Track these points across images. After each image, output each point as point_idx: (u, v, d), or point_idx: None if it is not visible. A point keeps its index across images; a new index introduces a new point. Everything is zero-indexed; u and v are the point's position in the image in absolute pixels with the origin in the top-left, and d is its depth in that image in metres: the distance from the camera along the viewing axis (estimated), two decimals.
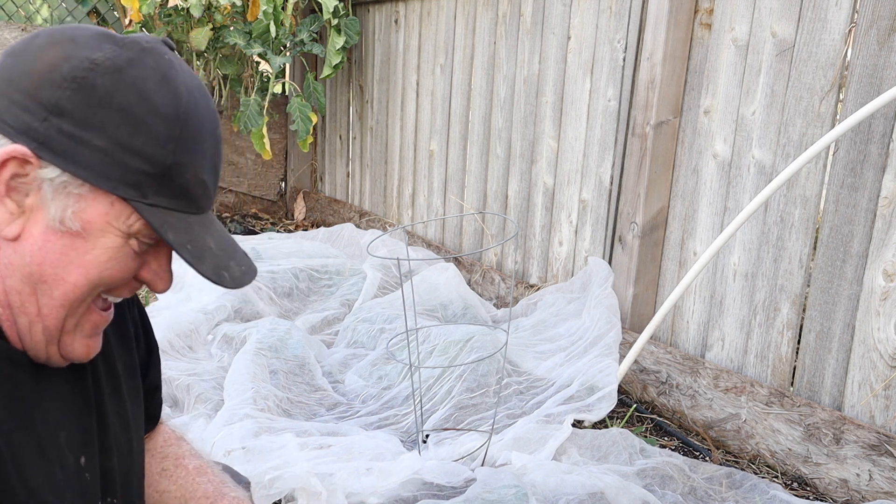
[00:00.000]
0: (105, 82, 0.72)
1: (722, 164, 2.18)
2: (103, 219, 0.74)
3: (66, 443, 0.83)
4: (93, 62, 0.72)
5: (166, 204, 0.76)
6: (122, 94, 0.72)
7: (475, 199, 3.27)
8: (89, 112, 0.71)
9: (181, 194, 0.76)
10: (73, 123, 0.71)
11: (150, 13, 3.70)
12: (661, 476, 1.85)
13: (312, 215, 4.70)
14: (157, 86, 0.74)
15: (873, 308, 1.79)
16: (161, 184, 0.75)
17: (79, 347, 0.82)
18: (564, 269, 2.78)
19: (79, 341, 0.81)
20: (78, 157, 0.72)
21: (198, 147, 0.77)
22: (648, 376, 2.34)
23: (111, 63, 0.73)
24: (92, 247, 0.75)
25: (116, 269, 0.78)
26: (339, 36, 3.92)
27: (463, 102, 3.31)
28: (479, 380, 2.21)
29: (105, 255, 0.76)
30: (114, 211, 0.74)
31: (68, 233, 0.74)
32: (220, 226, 0.83)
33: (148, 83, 0.74)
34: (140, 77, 0.73)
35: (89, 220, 0.74)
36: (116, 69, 0.73)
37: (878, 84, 1.77)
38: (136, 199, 0.74)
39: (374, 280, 2.99)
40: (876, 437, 1.77)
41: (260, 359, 2.24)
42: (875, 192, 1.79)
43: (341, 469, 1.71)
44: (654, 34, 2.27)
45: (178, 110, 0.74)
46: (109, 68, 0.72)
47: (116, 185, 0.73)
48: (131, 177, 0.73)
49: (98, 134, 0.72)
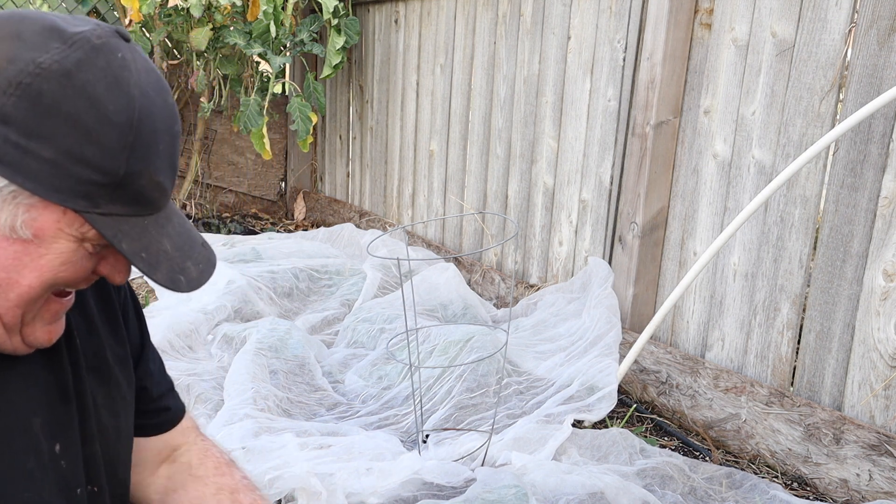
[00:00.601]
0: (52, 88, 0.68)
1: (722, 164, 2.18)
2: (55, 226, 0.72)
3: (40, 430, 0.82)
4: (38, 66, 0.68)
5: (120, 211, 0.73)
6: (70, 102, 0.68)
7: (475, 199, 3.27)
8: (36, 121, 0.67)
9: (136, 200, 0.74)
10: (20, 133, 0.67)
11: (150, 13, 3.70)
12: (661, 476, 1.85)
13: (312, 215, 4.70)
14: (107, 90, 0.70)
15: (873, 308, 1.79)
16: (114, 192, 0.72)
17: (40, 335, 0.81)
18: (564, 269, 2.78)
19: (40, 329, 0.80)
20: (25, 168, 0.68)
21: (153, 151, 0.73)
22: (648, 376, 2.34)
23: (58, 66, 0.68)
24: (45, 251, 0.73)
25: (71, 270, 0.76)
26: (339, 36, 3.92)
27: (463, 102, 3.31)
28: (479, 380, 2.21)
29: (59, 258, 0.74)
30: (66, 219, 0.72)
31: (20, 240, 0.72)
32: (178, 219, 0.80)
33: (98, 87, 0.69)
34: (89, 81, 0.69)
35: (41, 228, 0.72)
36: (64, 73, 0.68)
37: (878, 84, 1.77)
38: (87, 210, 0.71)
39: (374, 280, 2.99)
40: (876, 437, 1.77)
41: (260, 359, 2.24)
42: (875, 192, 1.79)
43: (341, 469, 1.71)
44: (654, 34, 2.27)
45: (130, 117, 0.71)
46: (56, 72, 0.68)
47: (66, 197, 0.70)
48: (82, 188, 0.70)
49: (46, 144, 0.68)
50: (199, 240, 0.82)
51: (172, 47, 4.26)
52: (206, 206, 4.66)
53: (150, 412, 1.06)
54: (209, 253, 0.82)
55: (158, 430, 1.07)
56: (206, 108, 4.00)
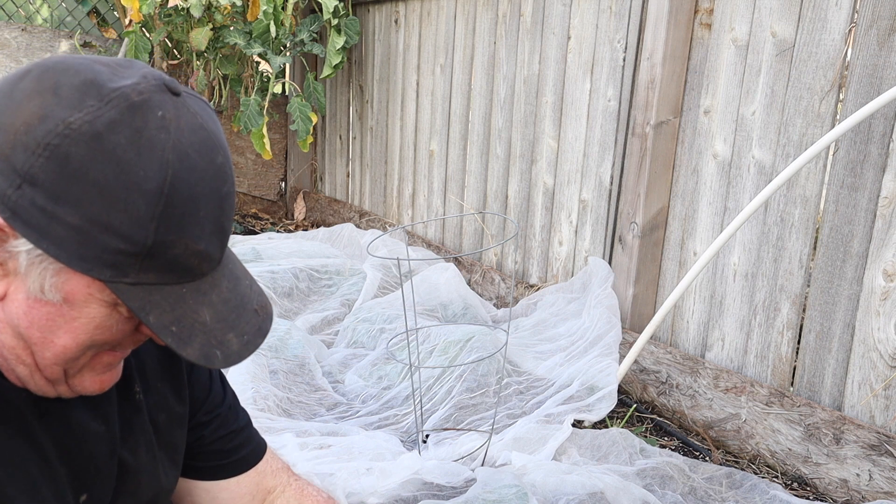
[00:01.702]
0: (80, 151, 0.64)
1: (722, 164, 2.18)
2: (85, 291, 0.69)
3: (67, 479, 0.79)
4: (68, 126, 0.64)
5: (153, 279, 0.69)
6: (98, 166, 0.64)
7: (475, 199, 3.27)
8: (62, 185, 0.64)
9: (171, 268, 0.69)
10: (46, 196, 0.64)
11: (150, 13, 3.70)
12: (661, 476, 1.85)
13: (312, 215, 4.70)
14: (138, 155, 0.65)
15: (873, 308, 1.79)
16: (144, 262, 0.67)
17: (89, 385, 0.77)
18: (564, 269, 2.78)
19: (89, 380, 0.77)
20: (51, 233, 0.65)
21: (190, 219, 0.68)
22: (648, 376, 2.34)
23: (89, 127, 0.64)
24: (78, 314, 0.70)
25: (108, 333, 0.73)
26: (339, 36, 3.92)
27: (463, 102, 3.31)
28: (479, 380, 2.21)
29: (92, 323, 0.71)
30: (96, 285, 0.69)
31: (51, 303, 0.69)
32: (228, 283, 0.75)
33: (129, 152, 0.65)
34: (120, 145, 0.65)
35: (70, 293, 0.69)
36: (94, 135, 0.64)
37: (878, 84, 1.77)
38: (114, 280, 0.67)
39: (374, 280, 2.99)
40: (876, 437, 1.77)
41: (260, 359, 2.24)
42: (875, 192, 1.79)
43: (341, 469, 1.71)
44: (654, 34, 2.27)
45: (161, 184, 0.66)
46: (86, 134, 0.64)
47: (92, 266, 0.66)
48: (109, 257, 0.66)
49: (72, 210, 0.64)
50: (253, 305, 0.76)
51: (172, 47, 4.26)
52: None
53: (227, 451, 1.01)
54: (262, 320, 0.76)
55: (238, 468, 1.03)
56: None
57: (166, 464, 0.92)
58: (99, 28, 4.50)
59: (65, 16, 4.44)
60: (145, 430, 0.88)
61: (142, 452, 0.87)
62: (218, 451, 1.01)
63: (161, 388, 0.92)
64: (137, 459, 0.87)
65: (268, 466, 1.06)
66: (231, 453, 1.02)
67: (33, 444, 0.76)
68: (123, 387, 0.86)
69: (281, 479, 1.06)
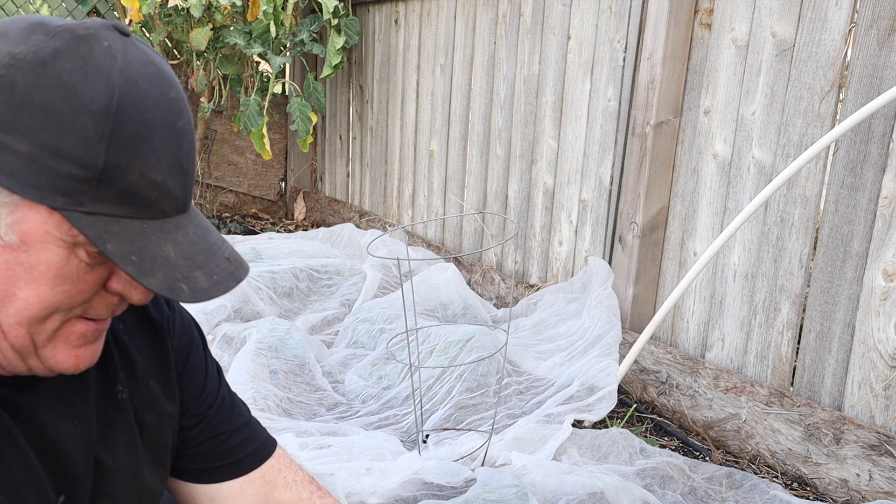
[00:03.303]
0: (25, 79, 0.64)
1: (722, 164, 2.18)
2: (42, 228, 0.66)
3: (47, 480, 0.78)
4: (13, 57, 0.64)
5: (110, 210, 0.67)
6: (44, 91, 0.64)
7: (475, 199, 3.27)
8: (10, 114, 0.64)
9: (128, 199, 0.67)
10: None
11: (150, 13, 3.70)
12: (661, 476, 1.85)
13: (312, 215, 4.70)
14: (84, 78, 0.65)
15: (873, 308, 1.79)
16: (98, 188, 0.66)
17: (63, 359, 0.74)
18: (564, 269, 2.78)
19: (62, 352, 0.74)
20: (3, 164, 0.64)
21: (142, 144, 0.67)
22: (648, 376, 2.34)
23: (34, 56, 0.64)
24: (36, 260, 0.67)
25: (69, 284, 0.69)
26: (339, 36, 3.92)
27: (463, 102, 3.31)
28: (479, 380, 2.21)
29: (51, 270, 0.68)
30: (52, 220, 0.66)
31: (9, 247, 0.67)
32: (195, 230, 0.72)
33: (75, 76, 0.65)
34: (66, 70, 0.65)
35: (27, 232, 0.66)
36: (39, 63, 0.64)
37: (878, 84, 1.77)
38: (69, 208, 0.65)
39: (374, 280, 2.99)
40: (876, 437, 1.77)
41: (260, 359, 2.24)
42: (875, 192, 1.79)
43: (341, 469, 1.71)
44: (654, 34, 2.27)
45: (108, 103, 0.65)
46: (31, 62, 0.64)
47: (45, 194, 0.65)
48: (62, 183, 0.65)
49: (21, 138, 0.64)
50: (224, 254, 0.74)
51: (172, 47, 4.26)
52: (206, 206, 4.66)
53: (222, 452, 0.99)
54: (235, 268, 0.74)
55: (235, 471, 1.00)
56: (206, 108, 4.00)
57: (151, 464, 0.89)
58: None
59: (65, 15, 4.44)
60: (128, 430, 0.86)
61: (122, 453, 0.85)
62: (210, 452, 0.98)
63: (153, 387, 0.89)
64: (116, 460, 0.84)
65: (280, 476, 1.01)
66: (226, 455, 0.99)
67: (11, 443, 0.74)
68: (105, 385, 0.84)
69: (300, 494, 1.02)
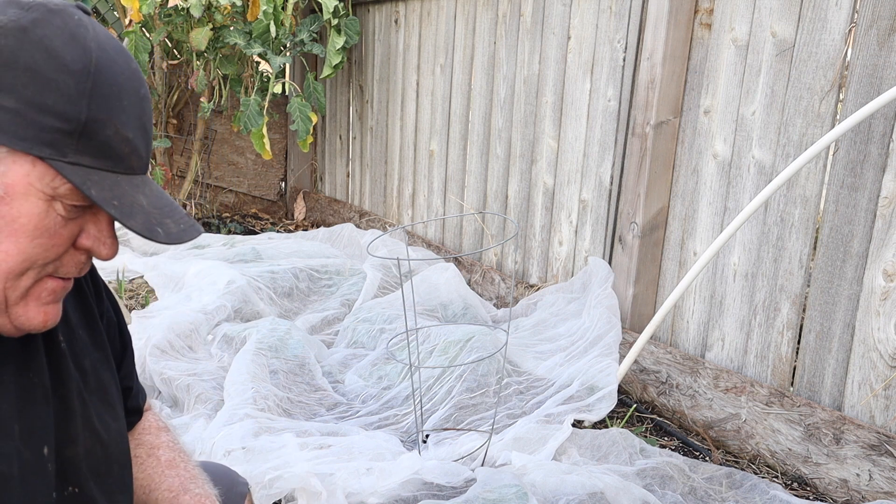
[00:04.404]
0: (9, 43, 0.71)
1: (722, 164, 2.18)
2: (25, 180, 0.73)
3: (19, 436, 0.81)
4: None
5: (89, 163, 0.74)
6: (27, 53, 0.71)
7: (475, 199, 3.27)
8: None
9: (104, 152, 0.75)
10: None
11: (150, 13, 3.70)
12: (661, 476, 1.85)
13: (312, 215, 4.70)
14: (64, 43, 0.73)
15: (873, 308, 1.79)
16: (80, 141, 0.73)
17: (34, 315, 0.79)
18: (564, 269, 2.78)
19: (33, 309, 0.79)
20: None
21: (116, 103, 0.75)
22: (648, 376, 2.34)
23: (15, 24, 0.72)
24: (17, 213, 0.73)
25: (46, 237, 0.75)
26: (339, 36, 3.92)
27: (463, 102, 3.31)
28: (479, 380, 2.21)
29: (31, 221, 0.74)
30: (35, 172, 0.73)
31: None
32: (156, 188, 0.81)
33: (55, 41, 0.72)
34: (46, 35, 0.72)
35: (11, 184, 0.72)
36: (21, 29, 0.72)
37: (878, 84, 1.77)
38: (54, 158, 0.72)
39: (374, 280, 2.99)
40: (876, 437, 1.77)
41: (260, 359, 2.24)
42: (875, 192, 1.79)
43: (341, 469, 1.71)
44: (654, 34, 2.27)
45: (87, 65, 0.73)
46: (13, 29, 0.71)
47: (32, 145, 0.71)
48: (46, 135, 0.72)
49: (7, 95, 0.71)
50: (181, 210, 0.82)
51: (172, 47, 4.26)
52: (206, 206, 4.66)
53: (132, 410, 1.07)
54: (194, 223, 0.82)
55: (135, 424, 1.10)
56: (206, 108, 4.00)
57: (99, 407, 0.93)
58: None
59: None
60: (72, 377, 0.90)
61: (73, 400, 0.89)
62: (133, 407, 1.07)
63: (81, 335, 0.95)
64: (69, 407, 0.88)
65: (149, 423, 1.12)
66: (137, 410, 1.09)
67: None
68: (47, 336, 0.88)
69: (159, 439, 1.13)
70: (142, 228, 0.75)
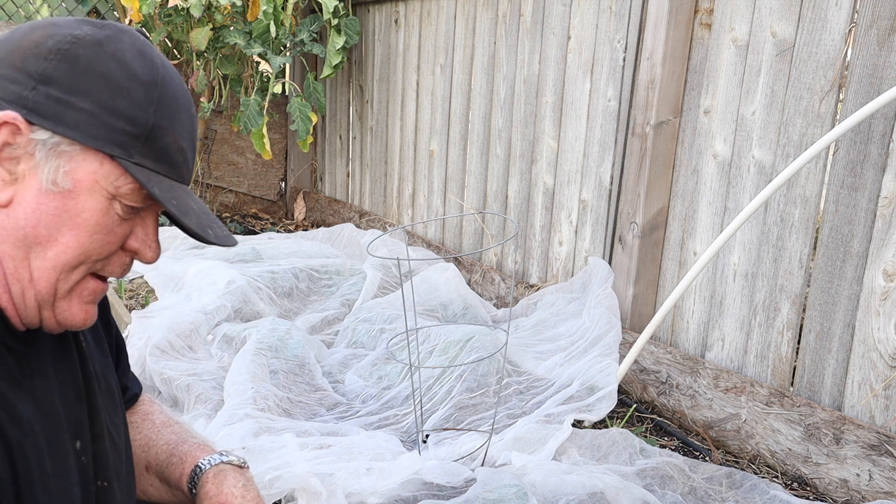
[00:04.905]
0: (87, 53, 0.78)
1: (722, 164, 2.18)
2: (92, 177, 0.78)
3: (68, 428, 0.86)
4: (75, 37, 0.78)
5: (150, 165, 0.80)
6: (103, 63, 0.78)
7: (475, 199, 3.27)
8: (74, 79, 0.77)
9: (163, 158, 0.81)
10: (60, 89, 0.76)
11: (150, 13, 3.70)
12: (661, 476, 1.85)
13: (312, 215, 4.70)
14: (134, 56, 0.80)
15: (873, 308, 1.79)
16: (144, 145, 0.79)
17: (77, 312, 0.84)
18: (564, 269, 2.78)
19: (76, 306, 0.84)
20: (66, 119, 0.76)
21: (175, 115, 0.82)
22: (648, 376, 2.34)
23: (91, 38, 0.79)
24: (82, 208, 0.79)
25: (103, 234, 0.81)
26: (339, 36, 3.92)
27: (463, 102, 3.31)
28: (479, 380, 2.21)
29: (93, 217, 0.79)
30: (102, 170, 0.79)
31: (60, 193, 0.78)
32: (198, 198, 0.87)
33: (126, 54, 0.80)
34: (119, 49, 0.79)
35: (79, 180, 0.78)
36: (97, 42, 0.79)
37: (878, 84, 1.77)
38: (122, 157, 0.78)
39: (374, 280, 2.99)
40: (876, 437, 1.77)
41: (260, 359, 2.24)
42: (875, 192, 1.79)
43: (341, 469, 1.71)
44: (654, 34, 2.27)
45: (155, 77, 0.80)
46: (90, 42, 0.78)
47: (103, 143, 0.78)
48: (116, 137, 0.78)
49: (83, 98, 0.77)
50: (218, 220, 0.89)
51: (172, 47, 4.26)
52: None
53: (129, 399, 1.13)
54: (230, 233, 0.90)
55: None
56: (206, 108, 4.00)
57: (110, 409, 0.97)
58: None
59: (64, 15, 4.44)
60: (94, 377, 0.95)
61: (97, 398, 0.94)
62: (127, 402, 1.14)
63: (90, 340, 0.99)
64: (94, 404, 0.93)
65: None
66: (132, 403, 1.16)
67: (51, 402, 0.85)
68: (76, 336, 0.93)
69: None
70: (196, 227, 0.83)
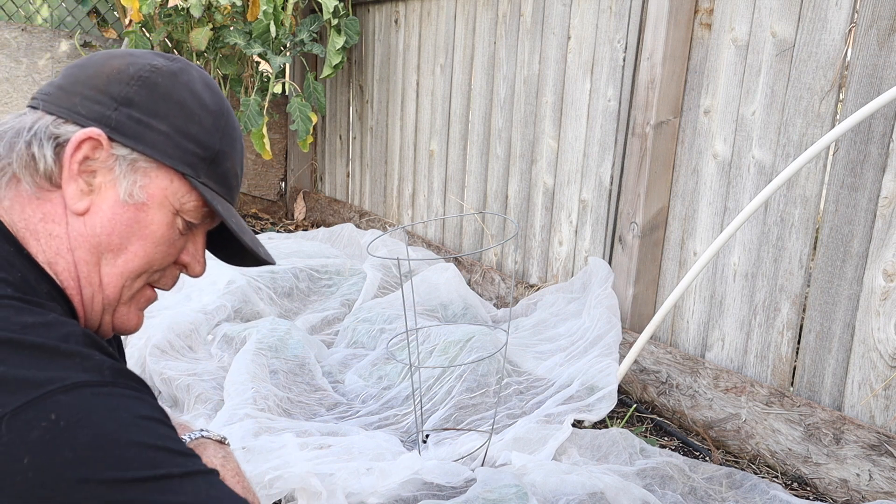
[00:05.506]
0: (165, 81, 0.89)
1: (722, 164, 2.18)
2: (163, 193, 0.88)
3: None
4: (153, 66, 0.90)
5: (213, 186, 0.92)
6: (178, 91, 0.89)
7: (475, 199, 3.27)
8: (153, 103, 0.87)
9: (222, 180, 0.93)
10: (141, 112, 0.87)
11: (150, 13, 3.70)
12: (661, 476, 1.85)
13: (312, 215, 4.70)
14: (203, 88, 0.92)
15: (873, 308, 1.79)
16: (209, 167, 0.91)
17: (133, 318, 0.94)
18: (564, 269, 2.78)
19: (133, 312, 0.94)
20: (145, 138, 0.87)
21: (235, 143, 0.94)
22: (648, 376, 2.34)
23: (167, 68, 0.91)
24: (151, 220, 0.88)
25: (165, 246, 0.91)
26: (339, 36, 3.92)
27: (463, 102, 3.31)
28: (479, 380, 2.21)
29: (160, 230, 0.89)
30: (172, 187, 0.89)
31: (134, 205, 0.87)
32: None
33: (197, 85, 0.92)
34: (191, 80, 0.91)
35: (152, 194, 0.88)
36: (172, 73, 0.90)
37: (878, 84, 1.77)
38: (191, 176, 0.89)
39: (374, 280, 2.99)
40: (876, 437, 1.77)
41: (260, 359, 2.24)
42: (875, 192, 1.79)
43: (341, 469, 1.71)
44: (654, 34, 2.27)
45: (221, 108, 0.93)
46: (166, 72, 0.90)
47: (177, 162, 0.88)
48: (188, 158, 0.89)
49: (161, 121, 0.87)
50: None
51: (172, 47, 4.25)
52: None
53: None
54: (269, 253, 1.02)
55: None
56: None
57: None
58: (99, 28, 4.50)
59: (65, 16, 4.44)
60: None
61: None
62: None
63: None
64: None
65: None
66: None
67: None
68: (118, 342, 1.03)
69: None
70: (251, 244, 0.94)
